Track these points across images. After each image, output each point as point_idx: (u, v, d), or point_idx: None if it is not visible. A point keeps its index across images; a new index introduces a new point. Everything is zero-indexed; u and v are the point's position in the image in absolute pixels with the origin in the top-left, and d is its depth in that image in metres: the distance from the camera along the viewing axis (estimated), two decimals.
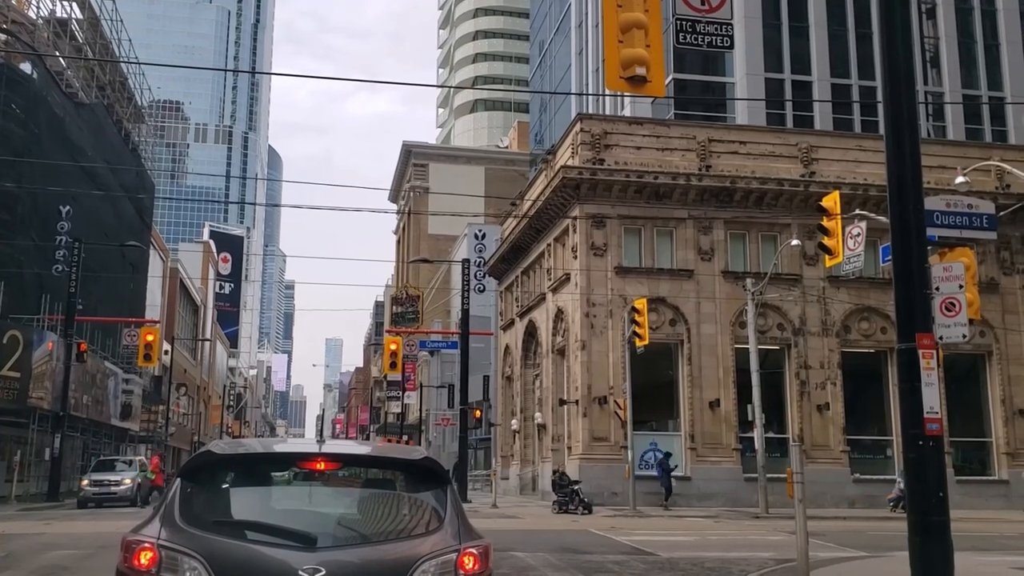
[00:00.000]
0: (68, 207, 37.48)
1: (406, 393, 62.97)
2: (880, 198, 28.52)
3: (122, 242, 41.82)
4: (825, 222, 17.91)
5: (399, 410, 66.23)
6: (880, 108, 9.96)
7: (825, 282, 32.40)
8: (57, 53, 41.34)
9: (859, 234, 18.54)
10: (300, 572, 4.40)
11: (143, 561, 4.53)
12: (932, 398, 8.73)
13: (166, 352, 54.51)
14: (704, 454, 30.89)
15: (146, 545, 4.57)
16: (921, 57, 45.96)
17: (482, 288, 41.80)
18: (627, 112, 46.74)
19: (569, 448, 32.86)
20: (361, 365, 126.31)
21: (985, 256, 31.76)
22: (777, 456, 28.53)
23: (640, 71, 9.33)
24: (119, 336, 46.42)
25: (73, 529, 19.55)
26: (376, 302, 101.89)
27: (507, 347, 43.84)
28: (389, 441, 49.38)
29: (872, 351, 33.19)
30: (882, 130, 9.64)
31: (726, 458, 30.88)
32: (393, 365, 37.46)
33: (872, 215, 20.79)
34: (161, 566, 4.50)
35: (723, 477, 30.36)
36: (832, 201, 18.00)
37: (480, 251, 47.45)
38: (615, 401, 29.67)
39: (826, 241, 17.92)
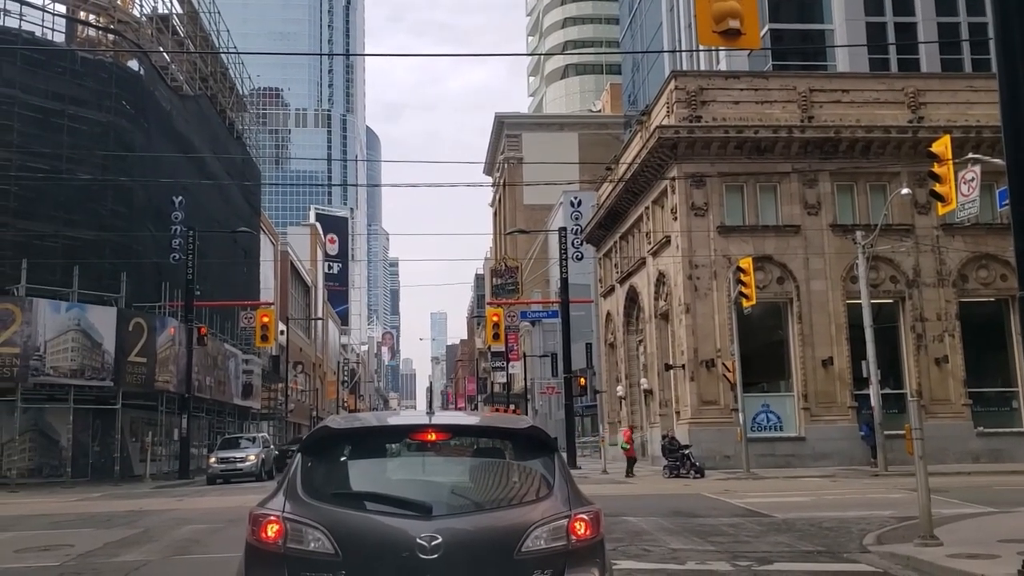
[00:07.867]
0: (180, 197, 39.00)
1: (510, 363, 63.61)
2: (995, 140, 27.10)
3: (233, 228, 43.32)
4: (936, 168, 17.18)
5: (504, 380, 66.99)
6: (992, 45, 9.46)
7: (939, 231, 31.13)
8: (161, 49, 42.89)
9: (973, 179, 17.69)
10: (418, 540, 4.54)
11: (270, 533, 4.73)
12: None
13: (281, 332, 56.48)
14: (818, 413, 30.25)
15: (272, 518, 4.76)
16: None
17: (580, 256, 41.51)
18: (723, 66, 45.65)
19: (678, 413, 32.63)
20: (465, 337, 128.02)
21: None
22: (895, 412, 27.70)
23: (733, 24, 9.11)
24: (236, 319, 48.25)
25: (203, 505, 20.53)
26: (476, 275, 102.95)
27: (608, 314, 43.67)
28: (496, 411, 49.98)
29: (992, 300, 31.76)
30: (994, 68, 9.14)
31: (841, 416, 30.14)
32: (496, 336, 37.89)
33: (986, 158, 19.80)
34: (287, 538, 4.69)
35: (838, 436, 29.65)
36: (943, 146, 17.23)
37: (576, 219, 47.08)
38: (723, 364, 29.28)
39: (938, 188, 17.21)
